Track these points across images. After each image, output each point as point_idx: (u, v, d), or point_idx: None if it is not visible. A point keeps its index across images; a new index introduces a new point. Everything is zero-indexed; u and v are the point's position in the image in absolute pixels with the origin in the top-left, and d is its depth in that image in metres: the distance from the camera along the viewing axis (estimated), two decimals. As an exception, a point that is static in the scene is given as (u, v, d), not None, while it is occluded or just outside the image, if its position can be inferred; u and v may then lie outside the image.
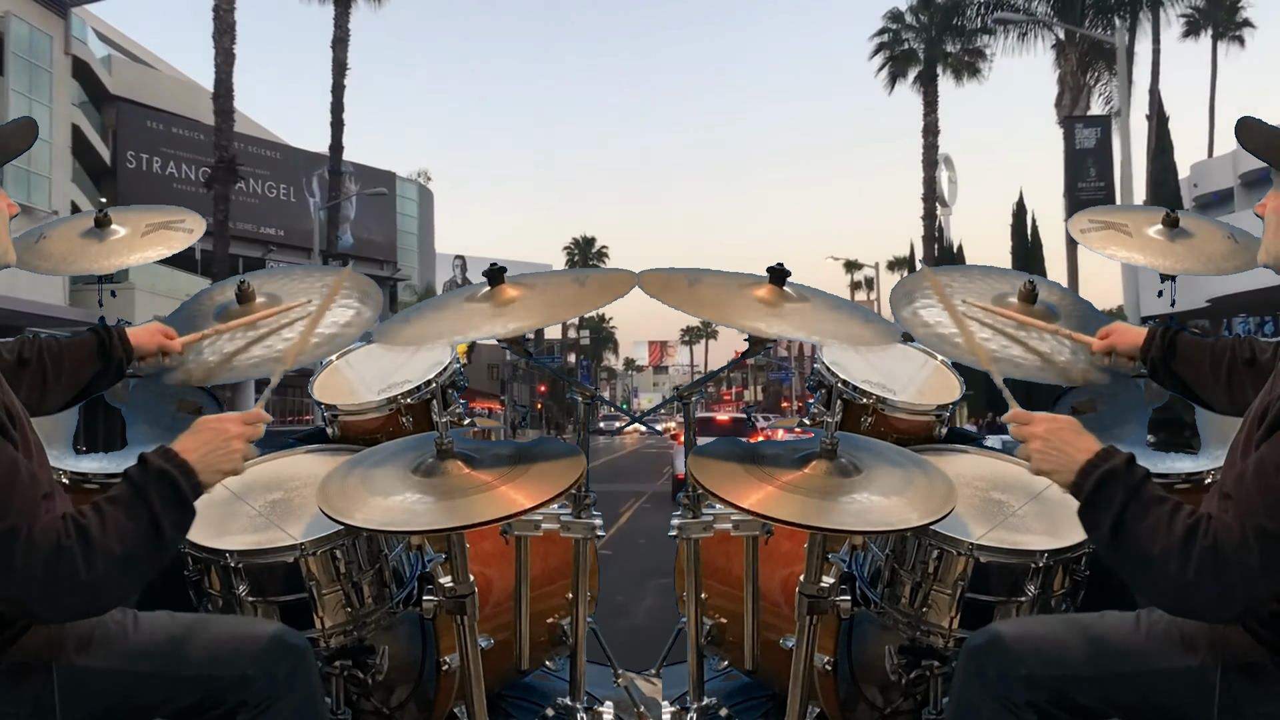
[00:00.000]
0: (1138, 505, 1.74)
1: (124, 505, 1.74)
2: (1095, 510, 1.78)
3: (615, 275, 2.39)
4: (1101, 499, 1.77)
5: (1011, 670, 1.88)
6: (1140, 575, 1.74)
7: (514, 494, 2.13)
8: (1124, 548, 1.74)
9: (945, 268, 3.07)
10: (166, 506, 1.76)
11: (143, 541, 1.73)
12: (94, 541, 1.68)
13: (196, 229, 2.98)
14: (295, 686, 1.90)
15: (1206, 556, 1.66)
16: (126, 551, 1.70)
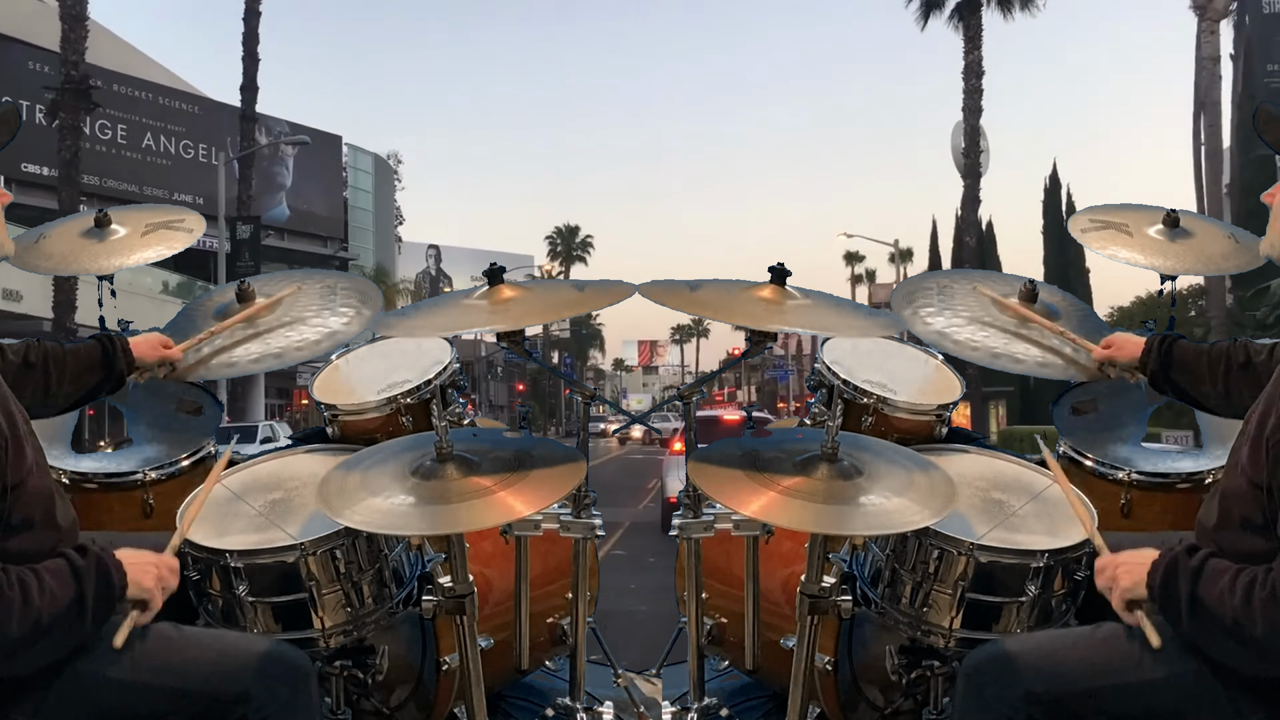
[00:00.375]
0: (1203, 582, 1.80)
1: (60, 578, 1.78)
2: (1169, 604, 1.84)
3: (615, 287, 2.40)
4: (1171, 592, 1.83)
5: (1010, 688, 1.88)
6: (1228, 649, 1.78)
7: (512, 500, 2.13)
8: (1204, 628, 1.80)
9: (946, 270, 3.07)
10: (98, 592, 1.81)
11: (68, 617, 1.77)
12: (31, 600, 1.72)
13: (197, 229, 2.99)
14: (296, 705, 1.90)
15: (1269, 605, 1.70)
16: (51, 620, 1.74)
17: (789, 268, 2.39)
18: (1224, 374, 2.35)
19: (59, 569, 1.79)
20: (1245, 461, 1.85)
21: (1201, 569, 1.81)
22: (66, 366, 2.39)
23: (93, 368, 2.44)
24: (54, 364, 2.36)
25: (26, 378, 2.28)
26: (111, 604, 1.84)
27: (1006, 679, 1.89)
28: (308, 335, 2.76)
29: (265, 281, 3.00)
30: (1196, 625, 1.80)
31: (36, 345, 2.37)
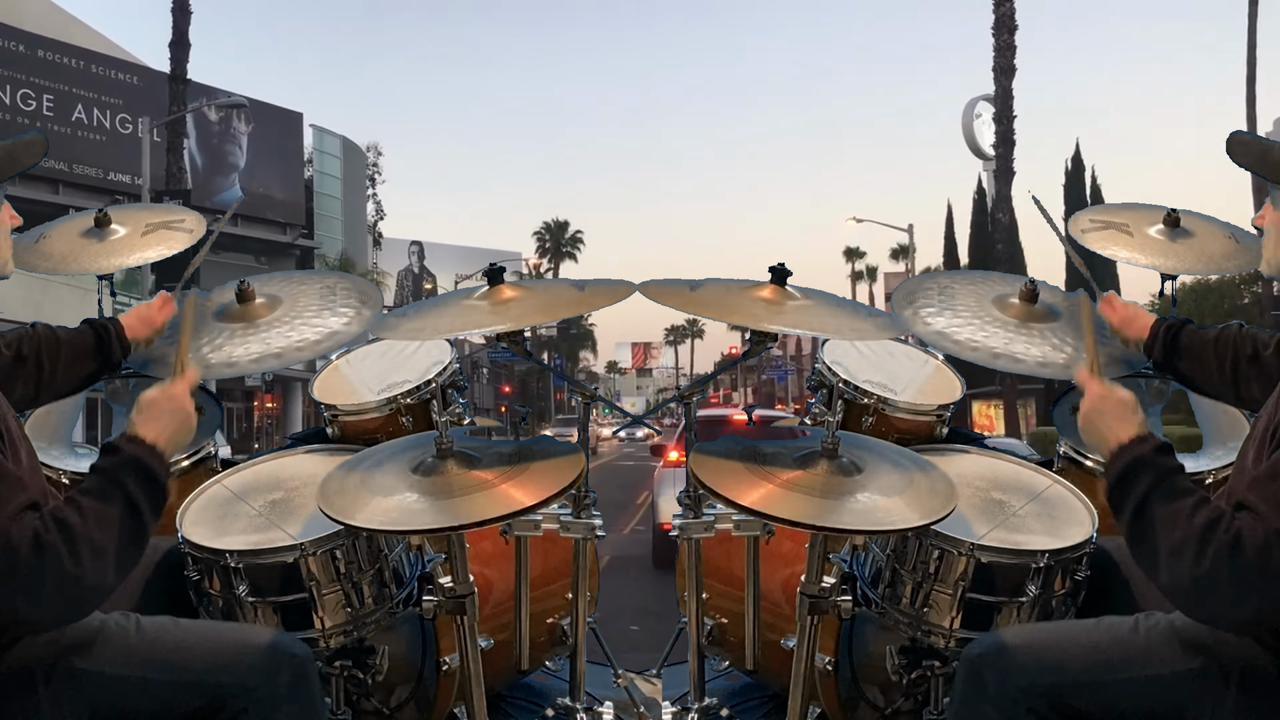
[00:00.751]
0: (1162, 492, 1.75)
1: (98, 494, 1.74)
2: (1121, 491, 1.79)
3: (615, 286, 2.41)
4: (1129, 482, 1.78)
5: (1011, 679, 1.88)
6: (1156, 564, 1.73)
7: (514, 492, 2.13)
8: (1144, 533, 1.74)
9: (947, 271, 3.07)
10: (140, 489, 1.77)
11: (123, 526, 1.73)
12: (76, 533, 1.67)
13: (197, 229, 2.99)
14: (296, 695, 1.90)
15: (1223, 552, 1.64)
16: (109, 539, 1.70)
17: (788, 266, 2.39)
18: (1232, 366, 2.33)
19: (93, 487, 1.75)
20: (1250, 464, 1.85)
21: (1167, 478, 1.76)
22: (60, 356, 2.36)
23: (86, 355, 2.40)
24: (47, 355, 2.34)
25: (18, 371, 2.24)
26: (160, 491, 1.81)
27: (1007, 669, 1.89)
28: (308, 335, 2.76)
29: (266, 281, 2.99)
30: (1136, 527, 1.75)
31: (30, 335, 2.34)
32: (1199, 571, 1.65)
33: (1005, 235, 26.00)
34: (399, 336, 2.50)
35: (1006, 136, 26.42)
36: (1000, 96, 26.80)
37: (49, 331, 2.38)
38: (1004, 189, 26.71)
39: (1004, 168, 26.44)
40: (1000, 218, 26.52)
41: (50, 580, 1.64)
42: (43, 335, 2.35)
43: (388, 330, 2.52)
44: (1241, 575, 1.63)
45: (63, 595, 1.66)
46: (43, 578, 1.64)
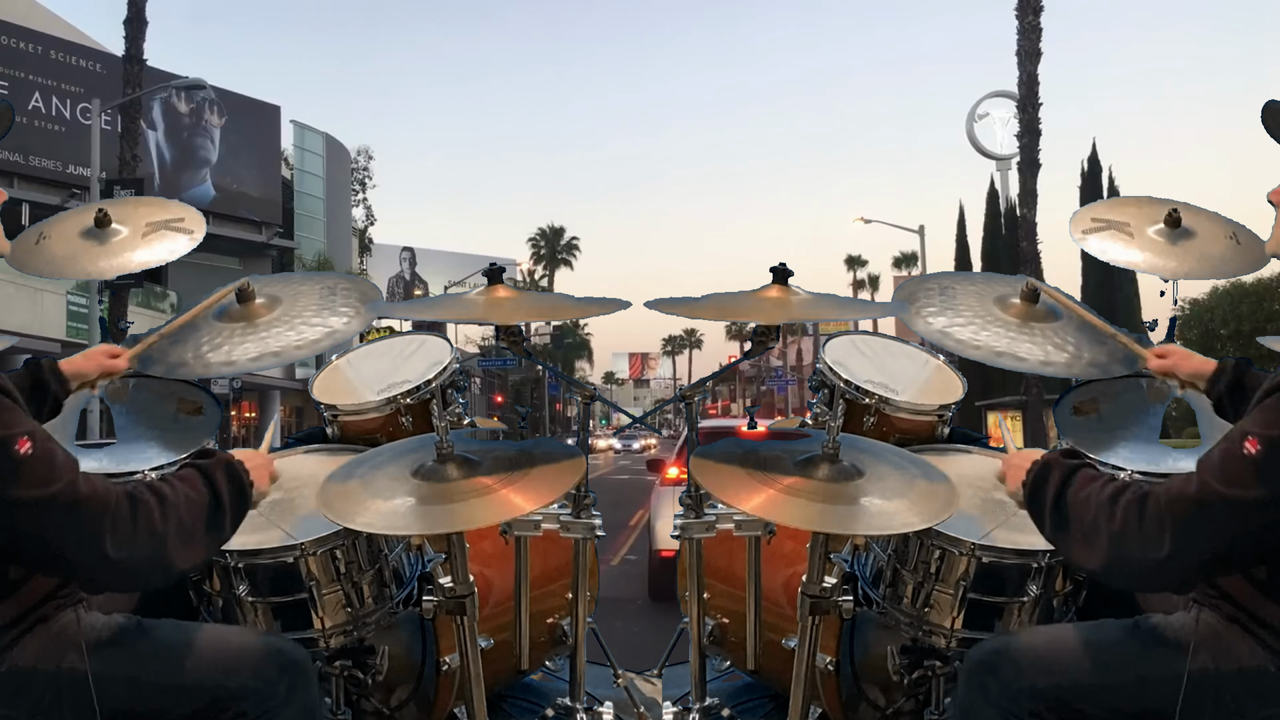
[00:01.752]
0: (1073, 483, 1.83)
1: (190, 480, 1.83)
2: (1036, 499, 1.87)
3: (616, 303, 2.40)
4: (1040, 485, 1.87)
5: (1013, 682, 1.89)
6: (1082, 547, 1.79)
7: (514, 497, 2.13)
8: (1064, 524, 1.81)
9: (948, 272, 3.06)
10: (229, 488, 1.87)
11: (207, 514, 1.81)
12: (167, 499, 1.76)
13: (197, 229, 2.98)
14: (295, 699, 1.91)
15: (1131, 507, 1.71)
16: (193, 518, 1.78)
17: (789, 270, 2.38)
18: None
19: (187, 475, 1.84)
20: None
21: (1074, 471, 1.85)
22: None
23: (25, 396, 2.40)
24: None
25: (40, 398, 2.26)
26: (246, 499, 1.91)
27: (1009, 673, 1.90)
28: (308, 335, 2.76)
29: (266, 282, 2.99)
30: (1056, 522, 1.83)
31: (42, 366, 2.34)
32: (1113, 530, 1.72)
33: (1030, 233, 24.17)
34: (397, 315, 2.51)
35: (1032, 125, 24.13)
36: (1025, 82, 24.51)
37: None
38: (1029, 182, 24.27)
39: (1029, 159, 24.13)
40: (1025, 213, 24.50)
41: (141, 529, 1.71)
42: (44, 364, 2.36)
43: (384, 311, 2.54)
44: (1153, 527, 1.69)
45: (148, 546, 1.72)
46: (134, 524, 1.71)
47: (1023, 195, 24.52)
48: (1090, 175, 30.27)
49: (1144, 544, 1.69)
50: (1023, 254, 23.87)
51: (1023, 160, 24.44)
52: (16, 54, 29.92)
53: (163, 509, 1.74)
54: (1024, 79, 24.55)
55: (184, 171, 34.27)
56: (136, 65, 23.65)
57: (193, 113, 35.00)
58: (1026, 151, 24.19)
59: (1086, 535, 1.76)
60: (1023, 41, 24.65)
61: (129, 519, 1.70)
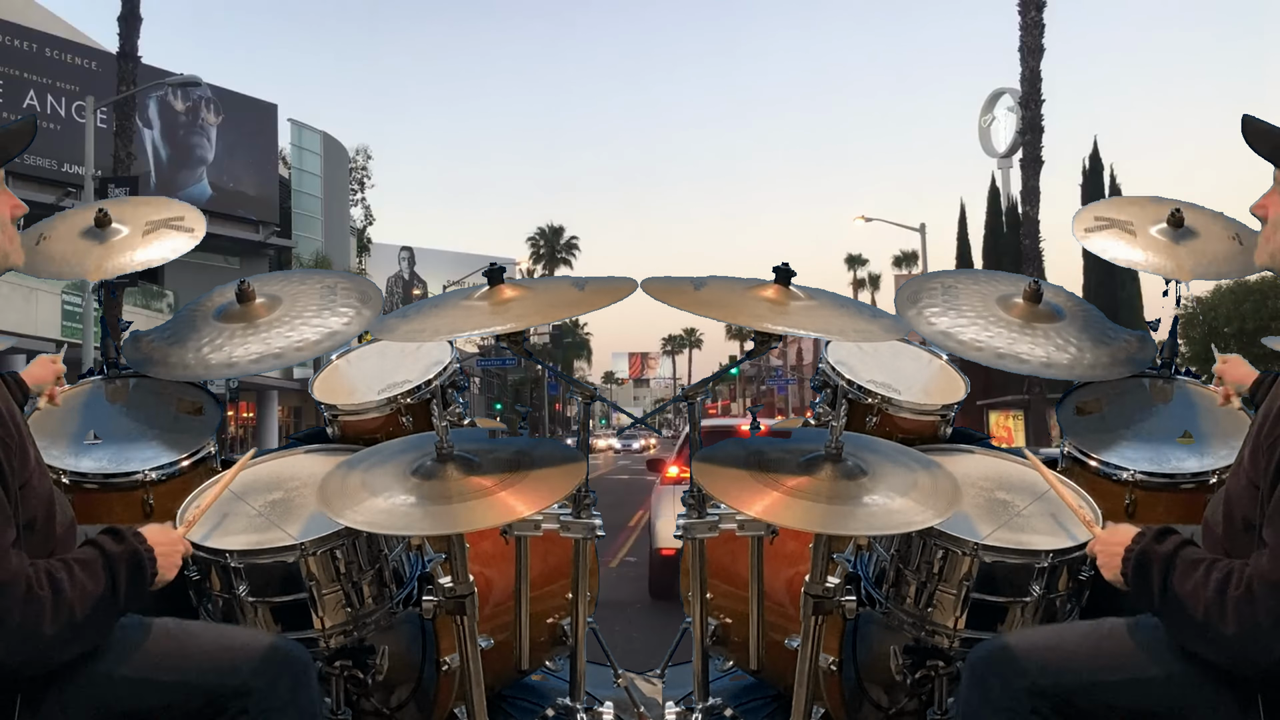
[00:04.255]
0: (1176, 573, 1.80)
1: (91, 570, 1.79)
2: (1142, 593, 1.86)
3: (616, 283, 2.39)
4: (1143, 578, 1.85)
5: (1015, 681, 1.89)
6: (1196, 640, 1.78)
7: (512, 500, 2.13)
8: (1174, 616, 1.80)
9: (952, 271, 3.06)
10: (130, 581, 1.83)
11: (102, 607, 1.78)
12: (63, 595, 1.72)
13: (198, 228, 2.98)
14: (296, 698, 1.91)
15: (1242, 604, 1.70)
16: (85, 613, 1.75)
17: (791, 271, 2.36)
18: None
19: (90, 560, 1.80)
20: (1247, 463, 1.85)
21: (1174, 558, 1.82)
22: None
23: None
24: None
25: None
26: (144, 591, 1.86)
27: (1011, 672, 1.90)
28: (308, 335, 2.75)
29: (265, 281, 2.98)
30: (1167, 617, 1.82)
31: None
32: (1227, 632, 1.71)
33: (1032, 230, 23.78)
34: (398, 338, 2.48)
35: (1034, 123, 23.61)
36: (1027, 79, 23.94)
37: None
38: (1031, 180, 23.70)
39: (1031, 156, 23.61)
40: (1028, 210, 24.00)
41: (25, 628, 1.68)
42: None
43: (387, 331, 2.51)
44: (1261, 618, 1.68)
45: (26, 646, 1.70)
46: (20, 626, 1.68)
47: (1025, 192, 24.12)
48: (1092, 173, 29.57)
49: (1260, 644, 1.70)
50: (1025, 252, 23.57)
51: (1025, 157, 23.99)
52: (12, 52, 29.64)
53: (55, 609, 1.71)
54: (1026, 75, 24.04)
55: (180, 170, 33.50)
56: (131, 62, 23.35)
57: (189, 111, 34.20)
58: (1029, 148, 23.77)
59: (1200, 632, 1.76)
60: (1025, 37, 24.17)
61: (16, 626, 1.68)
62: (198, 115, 34.68)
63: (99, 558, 1.81)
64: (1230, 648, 1.72)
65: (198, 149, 35.01)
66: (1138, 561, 1.86)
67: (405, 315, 2.55)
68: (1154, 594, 1.82)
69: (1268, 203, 1.98)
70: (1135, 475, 2.63)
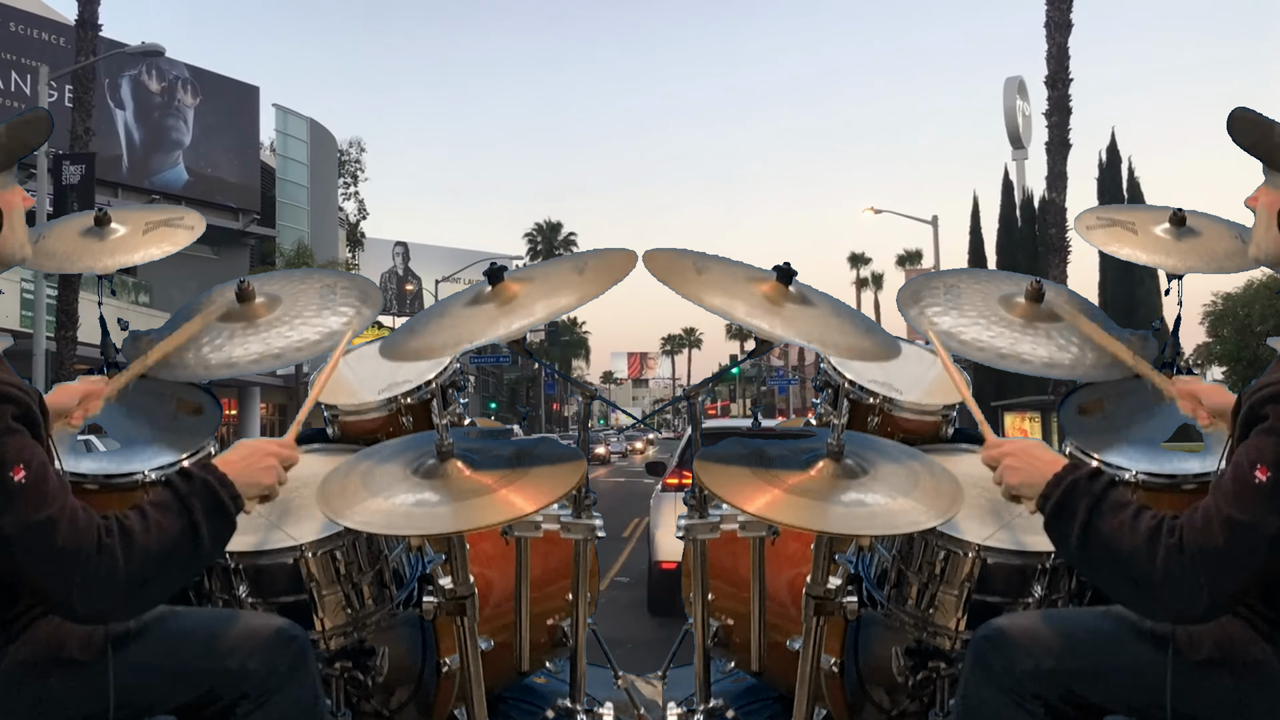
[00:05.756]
0: (1102, 510, 1.77)
1: (165, 509, 1.77)
2: (1062, 520, 1.81)
3: (617, 255, 2.34)
4: (1067, 508, 1.80)
5: (1018, 663, 1.88)
6: (1111, 579, 1.76)
7: (514, 497, 2.12)
8: (1093, 554, 1.77)
9: (955, 270, 3.05)
10: (207, 514, 1.79)
11: (181, 545, 1.75)
12: (135, 540, 1.70)
13: (198, 227, 2.98)
14: (296, 679, 1.91)
15: (1172, 553, 1.68)
16: (164, 553, 1.73)
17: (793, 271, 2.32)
18: None
19: (164, 501, 1.78)
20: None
21: (1103, 496, 1.79)
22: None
23: None
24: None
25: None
26: (228, 522, 1.83)
27: (1014, 654, 1.89)
28: (308, 335, 2.74)
29: (265, 280, 2.98)
30: (1084, 551, 1.78)
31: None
32: (1153, 577, 1.69)
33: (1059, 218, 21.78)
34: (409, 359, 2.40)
35: (1061, 103, 21.72)
36: (1054, 55, 21.83)
37: None
38: (1058, 164, 21.62)
39: (1058, 139, 21.70)
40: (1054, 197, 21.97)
41: (101, 579, 1.67)
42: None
43: (395, 350, 2.41)
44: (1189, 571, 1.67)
45: (109, 595, 1.69)
46: (95, 575, 1.67)
47: (1051, 178, 22.19)
48: (1109, 166, 27.59)
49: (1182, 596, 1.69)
50: (1051, 241, 22.08)
51: (1051, 140, 22.12)
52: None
53: (129, 554, 1.70)
54: (1053, 52, 22.03)
55: (155, 154, 31.81)
56: (90, 31, 21.75)
57: (164, 92, 32.43)
58: (1055, 130, 21.97)
59: (1124, 573, 1.74)
60: (1051, 11, 22.19)
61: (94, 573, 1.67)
62: (174, 96, 33.04)
63: (171, 497, 1.79)
64: (1151, 590, 1.70)
65: (173, 132, 33.15)
66: (1066, 490, 1.81)
67: (411, 330, 2.48)
68: (1074, 525, 1.78)
69: (1259, 195, 1.96)
70: (1137, 476, 2.62)
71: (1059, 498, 1.81)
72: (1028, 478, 1.86)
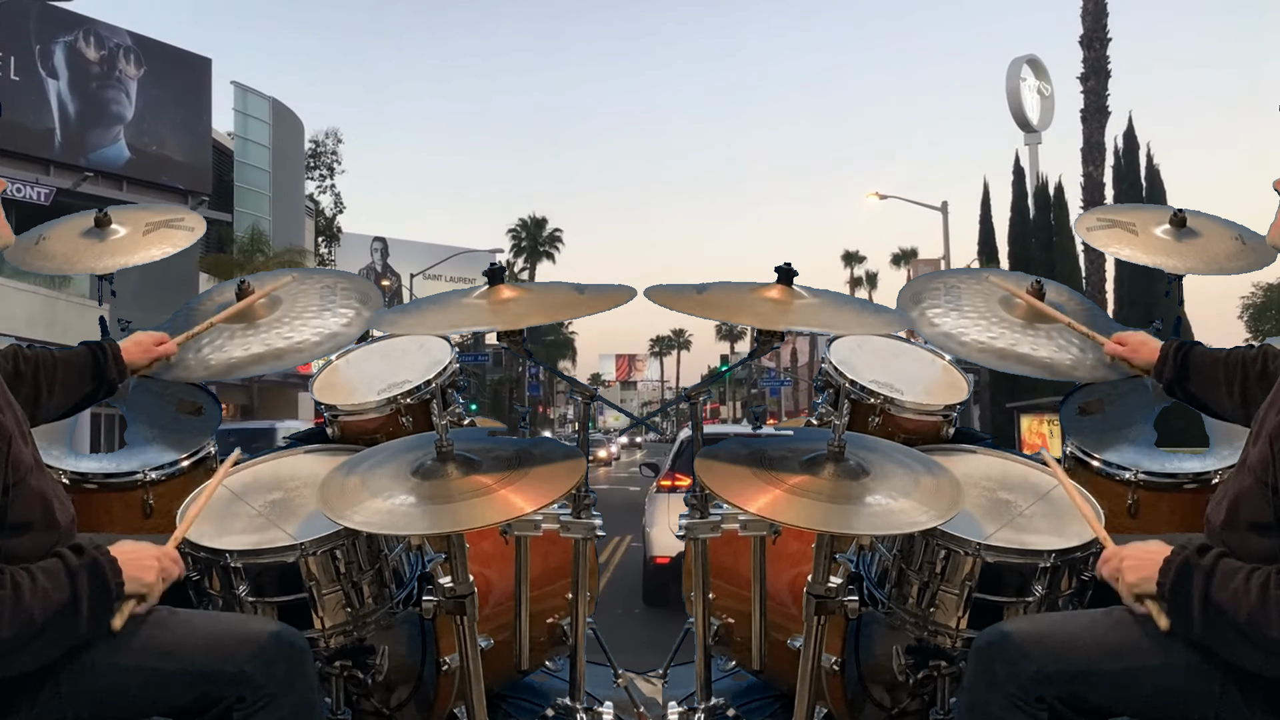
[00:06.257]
0: (1216, 581, 1.78)
1: (53, 577, 1.77)
2: (1180, 600, 1.82)
3: (616, 291, 2.39)
4: (1183, 589, 1.81)
5: (1021, 667, 1.87)
6: (1239, 649, 1.77)
7: (514, 497, 2.12)
8: (1216, 627, 1.78)
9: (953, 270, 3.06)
10: (92, 590, 1.80)
11: (61, 616, 1.76)
12: (23, 600, 1.71)
13: (197, 228, 2.98)
14: (293, 684, 1.90)
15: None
16: (44, 621, 1.74)
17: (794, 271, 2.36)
18: (1241, 382, 2.32)
19: (53, 569, 1.78)
20: (1254, 461, 1.84)
21: (1214, 569, 1.80)
22: (57, 375, 2.37)
23: (84, 376, 2.43)
24: (44, 373, 2.35)
25: (16, 386, 2.24)
26: (108, 603, 1.83)
27: (1017, 657, 1.89)
28: (308, 336, 2.75)
29: (265, 281, 2.98)
30: (1208, 626, 1.79)
31: (26, 354, 2.34)
32: (1274, 633, 1.71)
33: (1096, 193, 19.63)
34: (400, 331, 2.47)
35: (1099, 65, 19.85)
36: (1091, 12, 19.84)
37: (46, 351, 2.38)
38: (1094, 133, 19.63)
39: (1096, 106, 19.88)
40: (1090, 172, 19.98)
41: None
42: (39, 354, 2.36)
43: (386, 325, 2.50)
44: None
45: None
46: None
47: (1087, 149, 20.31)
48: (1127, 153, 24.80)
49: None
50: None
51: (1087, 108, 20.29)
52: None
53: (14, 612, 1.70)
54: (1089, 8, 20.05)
55: (92, 128, 28.21)
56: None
57: (103, 61, 28.61)
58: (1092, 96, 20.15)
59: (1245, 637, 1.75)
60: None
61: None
62: (114, 66, 29.03)
63: (61, 567, 1.79)
64: (1271, 648, 1.72)
65: (113, 105, 29.38)
66: (1179, 571, 1.83)
67: (405, 311, 2.55)
68: (1194, 603, 1.80)
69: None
70: (1138, 475, 2.63)
71: (1173, 581, 1.83)
72: (1145, 571, 1.88)
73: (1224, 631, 1.77)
